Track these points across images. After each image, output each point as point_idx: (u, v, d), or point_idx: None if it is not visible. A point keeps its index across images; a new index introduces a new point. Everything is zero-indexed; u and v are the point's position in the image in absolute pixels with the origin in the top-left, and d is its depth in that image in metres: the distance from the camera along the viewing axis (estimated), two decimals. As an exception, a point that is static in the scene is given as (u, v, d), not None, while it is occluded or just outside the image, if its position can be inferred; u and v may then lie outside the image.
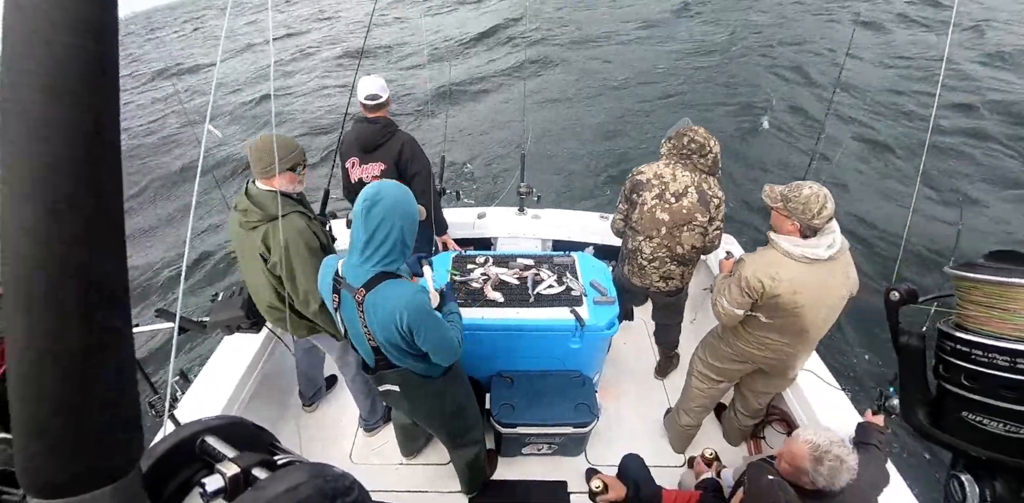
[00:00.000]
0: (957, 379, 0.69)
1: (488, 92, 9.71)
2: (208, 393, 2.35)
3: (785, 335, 2.15)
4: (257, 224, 2.04)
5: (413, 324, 1.58)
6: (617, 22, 14.15)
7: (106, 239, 0.38)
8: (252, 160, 2.02)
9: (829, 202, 1.92)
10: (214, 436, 0.56)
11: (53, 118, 0.34)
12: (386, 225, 1.52)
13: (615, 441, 2.82)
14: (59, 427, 0.37)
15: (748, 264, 2.07)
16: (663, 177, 2.48)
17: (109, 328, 0.39)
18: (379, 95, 2.73)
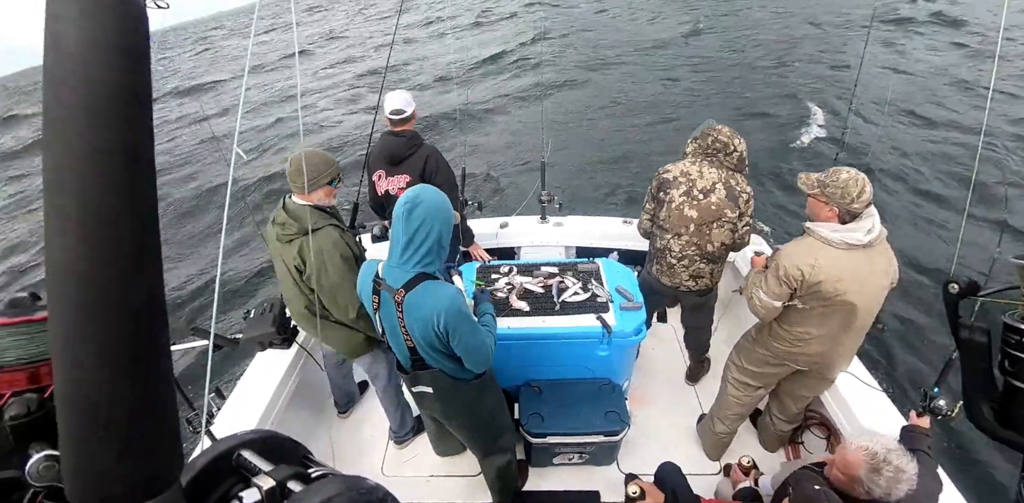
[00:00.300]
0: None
1: (506, 105, 9.80)
2: (243, 408, 2.39)
3: (825, 327, 2.08)
4: (293, 237, 2.11)
5: (449, 325, 1.61)
6: (631, 40, 14.18)
7: (145, 258, 0.39)
8: (292, 175, 2.08)
9: (868, 186, 1.88)
10: (249, 450, 0.57)
11: (95, 144, 0.36)
12: (425, 227, 1.59)
13: (647, 449, 2.77)
14: (105, 442, 0.38)
15: (785, 253, 2.02)
16: (690, 174, 2.47)
17: (150, 345, 0.40)
18: (404, 110, 2.79)
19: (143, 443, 0.40)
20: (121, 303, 0.38)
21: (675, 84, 10.27)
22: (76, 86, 0.35)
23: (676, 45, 13.25)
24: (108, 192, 0.37)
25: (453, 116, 8.39)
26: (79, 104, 0.35)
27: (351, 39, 14.24)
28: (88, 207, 0.36)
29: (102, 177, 0.36)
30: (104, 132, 0.36)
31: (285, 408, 2.54)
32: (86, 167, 0.36)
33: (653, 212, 2.66)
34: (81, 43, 0.35)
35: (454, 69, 11.63)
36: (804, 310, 2.08)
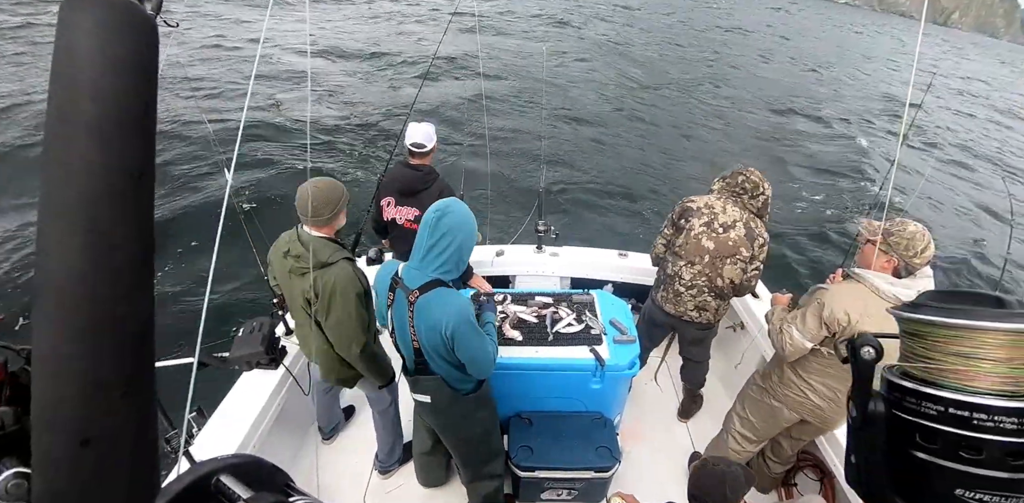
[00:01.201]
0: (952, 452, 0.56)
1: (506, 133, 9.95)
2: (224, 429, 2.33)
3: (843, 382, 2.01)
4: (306, 271, 2.07)
5: (456, 334, 1.67)
6: (630, 64, 14.55)
7: (140, 275, 0.38)
8: (302, 206, 2.03)
9: (932, 243, 1.84)
10: (229, 475, 0.55)
11: (94, 159, 0.36)
12: (449, 236, 1.68)
13: (638, 486, 2.69)
14: (80, 462, 0.36)
15: (832, 294, 1.94)
16: (713, 208, 2.52)
17: (136, 363, 0.39)
18: (424, 144, 2.83)
19: (119, 464, 0.38)
20: (109, 321, 0.37)
21: (682, 122, 10.49)
22: (84, 100, 0.35)
23: (683, 79, 13.60)
24: (107, 208, 0.36)
25: (456, 142, 8.52)
26: (85, 119, 0.35)
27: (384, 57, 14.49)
28: (88, 223, 0.35)
29: (102, 193, 0.36)
30: (108, 146, 0.36)
31: (268, 431, 2.47)
32: (86, 182, 0.35)
33: (670, 238, 2.68)
34: (93, 57, 0.35)
35: (462, 100, 11.88)
36: (827, 358, 2.00)
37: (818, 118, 11.01)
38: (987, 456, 0.54)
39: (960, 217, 6.70)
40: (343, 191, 2.14)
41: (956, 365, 0.57)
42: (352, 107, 10.87)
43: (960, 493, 0.56)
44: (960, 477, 0.56)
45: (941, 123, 10.56)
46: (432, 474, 2.63)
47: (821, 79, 14.70)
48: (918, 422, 0.59)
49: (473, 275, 3.11)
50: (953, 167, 8.09)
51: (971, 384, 0.56)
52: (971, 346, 0.56)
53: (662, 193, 7.45)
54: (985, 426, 0.54)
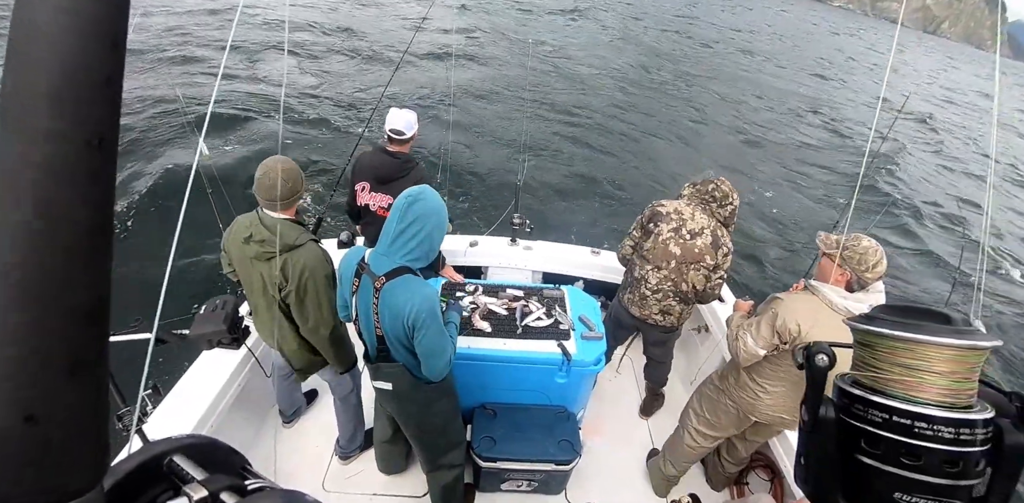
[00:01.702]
0: (893, 457, 0.59)
1: (487, 122, 9.89)
2: (180, 409, 2.27)
3: (796, 389, 2.07)
4: (273, 255, 2.01)
5: (418, 321, 1.64)
6: (617, 58, 14.60)
7: (93, 249, 0.36)
8: (267, 188, 1.96)
9: (884, 259, 1.89)
10: (183, 456, 0.53)
11: (52, 126, 0.33)
12: (419, 223, 1.65)
13: (596, 481, 2.74)
14: (22, 438, 0.35)
15: (786, 304, 1.99)
16: (682, 214, 2.54)
17: (88, 338, 0.37)
18: (403, 132, 2.77)
19: (67, 442, 0.36)
20: (58, 295, 0.35)
21: (667, 122, 10.57)
22: (44, 66, 0.33)
23: (670, 75, 13.66)
24: (64, 180, 0.34)
25: (437, 131, 8.44)
26: (45, 86, 0.33)
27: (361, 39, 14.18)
28: (41, 192, 0.33)
29: (60, 163, 0.34)
30: (67, 114, 0.34)
31: (227, 413, 2.42)
32: (43, 153, 0.33)
33: (638, 241, 2.70)
34: (56, 20, 0.33)
35: (441, 85, 11.72)
36: (780, 365, 2.07)
37: (800, 124, 11.23)
38: (925, 462, 0.57)
39: (919, 236, 6.95)
40: (301, 174, 2.09)
41: (902, 376, 0.60)
42: (326, 84, 10.65)
43: (899, 496, 0.59)
44: (900, 481, 0.59)
45: (918, 135, 10.91)
46: (392, 462, 2.62)
47: (809, 83, 14.97)
48: (864, 428, 0.61)
49: (445, 265, 3.09)
50: (922, 183, 8.39)
51: (915, 394, 0.59)
52: (916, 358, 0.59)
53: (639, 193, 7.51)
54: (925, 434, 0.57)
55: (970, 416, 0.57)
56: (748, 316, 2.19)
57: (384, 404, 2.12)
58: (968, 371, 0.59)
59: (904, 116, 10.74)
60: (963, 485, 0.58)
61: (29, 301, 0.34)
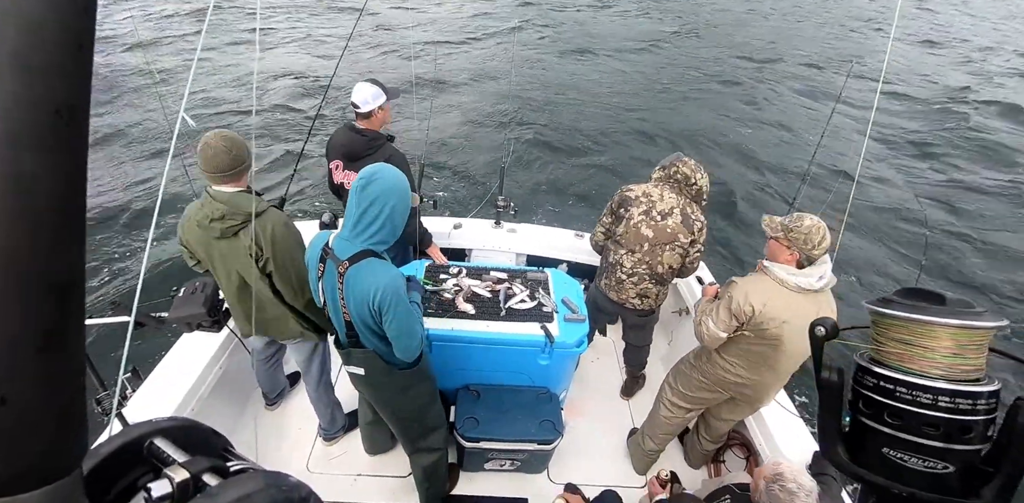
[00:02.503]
0: (880, 416, 0.69)
1: (472, 101, 9.76)
2: (161, 392, 2.26)
3: (759, 362, 2.17)
4: (240, 228, 1.96)
5: (383, 304, 1.60)
6: (606, 39, 14.43)
7: (65, 225, 0.35)
8: (209, 160, 1.88)
9: (828, 234, 1.98)
10: (164, 438, 0.53)
11: (20, 93, 0.32)
12: (378, 204, 1.59)
13: (578, 460, 2.80)
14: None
15: (740, 287, 2.09)
16: (651, 196, 2.56)
17: (61, 318, 0.36)
18: (360, 105, 2.64)
19: (41, 424, 0.36)
20: (25, 272, 0.34)
21: (654, 102, 10.49)
22: (12, 29, 0.31)
23: (658, 53, 13.53)
24: (32, 149, 0.32)
25: (419, 107, 8.30)
26: (10, 47, 0.31)
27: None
28: (6, 163, 0.32)
29: (27, 132, 0.32)
30: (36, 81, 0.32)
31: (208, 395, 2.41)
32: (9, 117, 0.32)
33: (609, 226, 2.72)
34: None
35: (417, 50, 11.47)
36: (744, 344, 2.16)
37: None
38: (906, 423, 0.67)
39: (881, 219, 7.06)
40: (245, 143, 2.00)
41: (897, 349, 0.70)
42: (302, 64, 10.41)
43: (886, 452, 0.69)
44: (887, 439, 0.69)
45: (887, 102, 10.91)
46: (377, 442, 2.64)
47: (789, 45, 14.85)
48: (861, 391, 0.72)
49: (432, 244, 3.07)
50: (880, 165, 8.47)
51: (906, 365, 0.69)
52: (907, 334, 0.69)
53: (624, 175, 7.52)
54: (904, 398, 0.67)
55: (950, 386, 0.65)
56: (713, 301, 2.26)
57: (360, 390, 2.11)
58: (958, 347, 0.66)
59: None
60: (956, 450, 0.66)
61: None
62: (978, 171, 8.65)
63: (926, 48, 16.51)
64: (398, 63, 11.00)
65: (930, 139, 9.67)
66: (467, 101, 9.77)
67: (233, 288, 2.14)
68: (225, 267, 2.08)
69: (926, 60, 15.14)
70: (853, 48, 15.91)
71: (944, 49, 16.49)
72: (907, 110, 11.21)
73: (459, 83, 10.59)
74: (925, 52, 16.04)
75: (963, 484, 0.66)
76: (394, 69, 10.53)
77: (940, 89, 12.53)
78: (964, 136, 9.72)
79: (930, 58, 15.44)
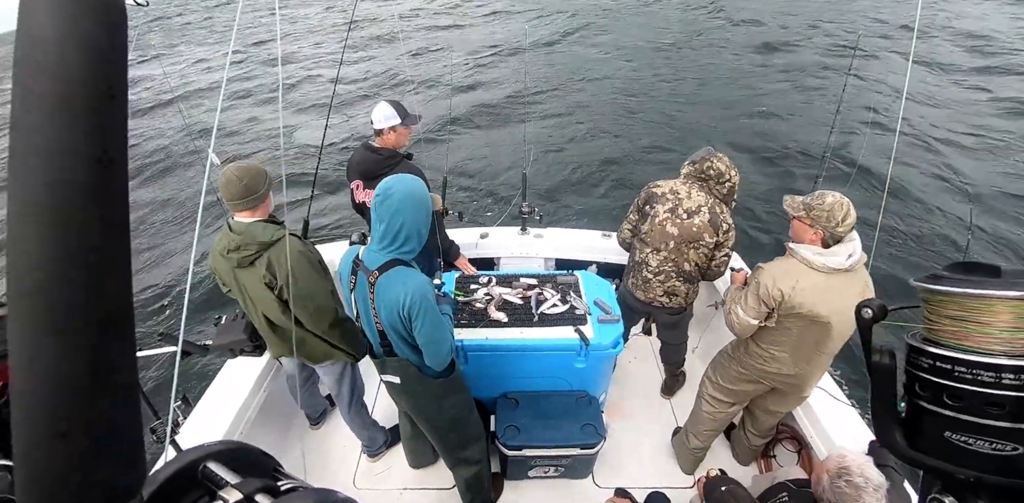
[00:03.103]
0: (939, 398, 0.65)
1: (491, 114, 9.83)
2: (210, 417, 2.33)
3: (799, 348, 2.11)
4: (255, 257, 2.01)
5: (412, 311, 1.65)
6: (623, 43, 14.35)
7: (112, 263, 0.38)
8: (224, 187, 1.96)
9: (852, 210, 1.92)
10: (216, 462, 0.55)
11: (62, 142, 0.34)
12: (398, 216, 1.66)
13: (623, 462, 2.77)
14: (62, 453, 0.36)
15: (766, 272, 2.04)
16: (678, 193, 2.50)
17: (114, 352, 0.38)
18: (374, 122, 2.70)
19: (103, 454, 0.38)
20: (85, 310, 0.36)
21: (672, 101, 10.38)
22: (48, 80, 0.34)
23: (676, 54, 13.40)
24: (77, 194, 0.35)
25: (439, 125, 8.39)
26: (50, 99, 0.34)
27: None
28: (55, 209, 0.34)
29: (71, 178, 0.35)
30: (75, 131, 0.35)
31: (255, 418, 2.47)
32: (54, 167, 0.34)
33: (635, 224, 2.68)
34: (56, 34, 0.34)
35: (434, 75, 11.61)
36: (779, 330, 2.11)
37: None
38: (967, 404, 0.63)
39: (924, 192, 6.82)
40: (263, 172, 2.05)
41: (950, 326, 0.66)
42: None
43: (948, 435, 0.65)
44: (947, 421, 0.65)
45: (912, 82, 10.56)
46: (420, 455, 2.66)
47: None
48: (916, 373, 0.69)
49: (460, 256, 3.10)
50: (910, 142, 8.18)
51: (961, 343, 0.65)
52: (960, 310, 0.65)
53: (649, 173, 7.45)
54: (964, 377, 0.63)
55: (1014, 362, 0.61)
56: (742, 288, 2.21)
57: (396, 399, 2.14)
58: (1019, 320, 0.62)
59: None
60: (1022, 429, 0.61)
61: (53, 319, 0.35)
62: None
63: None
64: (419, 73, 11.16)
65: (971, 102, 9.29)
66: (485, 110, 9.83)
67: (258, 314, 2.19)
68: (248, 295, 2.14)
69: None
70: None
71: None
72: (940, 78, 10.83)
73: (476, 93, 10.68)
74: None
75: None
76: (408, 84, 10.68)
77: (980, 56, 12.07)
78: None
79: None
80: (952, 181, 7.02)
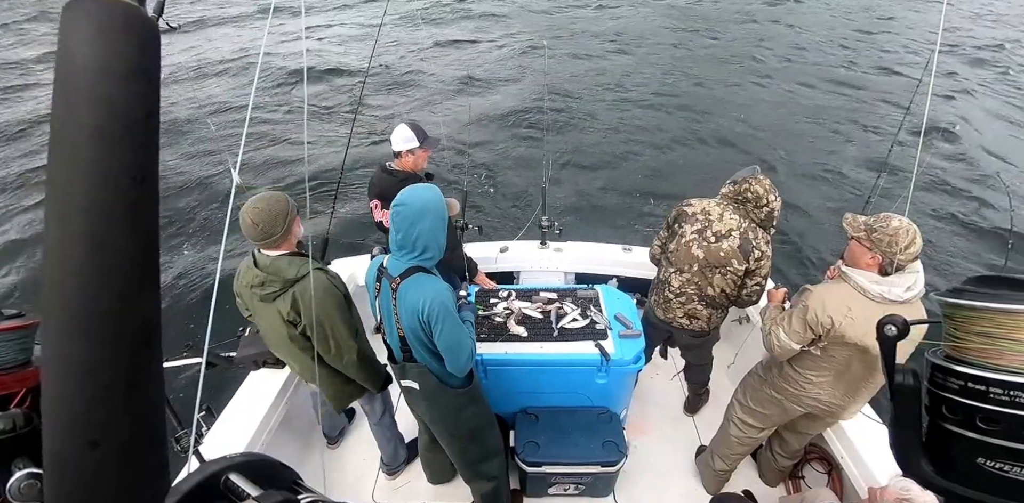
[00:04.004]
0: (970, 422, 0.61)
1: (509, 126, 9.89)
2: (233, 428, 2.35)
3: (842, 378, 2.00)
4: (279, 293, 1.98)
5: (432, 317, 1.70)
6: (653, 50, 14.36)
7: (143, 278, 0.39)
8: (250, 235, 1.91)
9: (918, 238, 1.77)
10: (238, 473, 0.56)
11: (99, 162, 0.36)
12: (414, 227, 1.72)
13: (645, 481, 2.71)
14: (91, 463, 0.37)
15: (816, 296, 1.91)
16: (710, 214, 2.39)
17: (144, 364, 0.39)
18: (392, 144, 2.74)
19: (128, 465, 0.39)
20: (116, 323, 0.37)
21: (696, 117, 10.33)
22: (86, 104, 0.35)
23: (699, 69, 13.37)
24: (112, 213, 0.36)
25: (457, 140, 8.51)
26: (88, 122, 0.35)
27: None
28: (91, 227, 0.36)
29: (107, 197, 0.36)
30: (112, 152, 0.36)
31: (276, 430, 2.49)
32: (91, 187, 0.36)
33: (665, 241, 2.61)
34: (94, 60, 0.36)
35: (449, 82, 11.72)
36: (822, 357, 2.00)
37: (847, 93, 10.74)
38: (1003, 428, 0.59)
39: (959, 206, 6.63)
40: (287, 202, 1.98)
41: (980, 344, 0.62)
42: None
43: (982, 462, 0.61)
44: (981, 447, 0.60)
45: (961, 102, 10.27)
46: (438, 470, 2.64)
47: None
48: (944, 395, 0.64)
49: (478, 272, 3.10)
50: (954, 160, 7.96)
51: (993, 362, 0.60)
52: (992, 326, 0.61)
53: (672, 187, 7.40)
54: (1001, 400, 0.59)
55: None
56: (782, 307, 2.14)
57: (414, 406, 2.13)
58: None
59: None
60: None
61: (86, 332, 0.36)
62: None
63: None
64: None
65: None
66: (500, 123, 9.90)
67: (284, 348, 2.17)
68: (272, 329, 2.12)
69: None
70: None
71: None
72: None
73: (494, 103, 10.77)
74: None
75: None
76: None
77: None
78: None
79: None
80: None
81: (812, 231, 6.32)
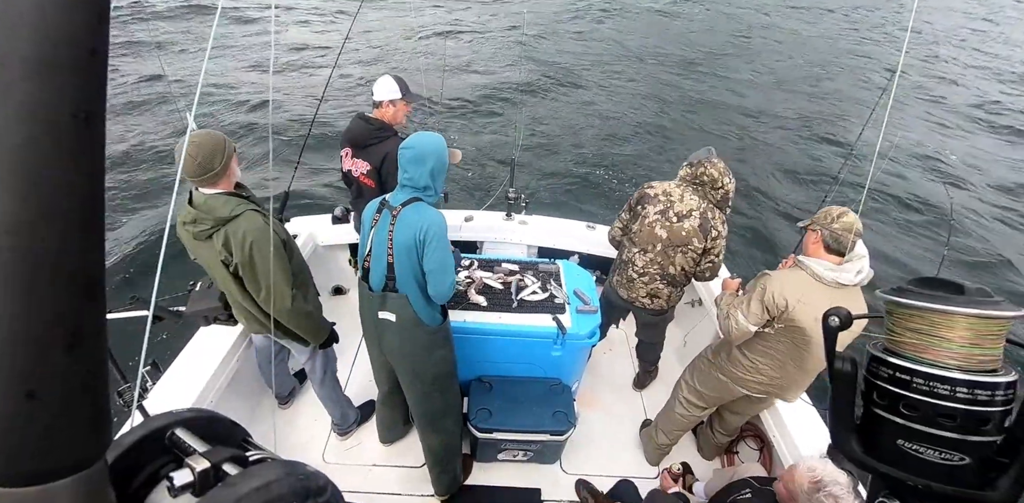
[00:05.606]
0: (895, 407, 0.68)
1: (485, 97, 9.71)
2: (179, 384, 2.30)
3: (787, 360, 2.12)
4: (212, 231, 1.92)
5: (428, 236, 1.84)
6: (630, 29, 14.21)
7: (85, 225, 0.36)
8: (186, 171, 1.84)
9: (851, 214, 1.96)
10: (185, 429, 0.54)
11: (37, 99, 0.33)
12: (419, 164, 1.89)
13: (591, 451, 2.81)
14: (27, 415, 0.35)
15: (775, 280, 2.03)
16: (671, 195, 2.48)
17: (85, 315, 0.37)
18: (374, 93, 2.69)
19: (69, 416, 0.37)
20: (51, 273, 0.35)
21: (673, 97, 10.33)
22: (26, 32, 0.32)
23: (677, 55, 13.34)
24: (51, 152, 0.33)
25: (432, 105, 8.29)
26: (28, 52, 0.32)
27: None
28: (29, 168, 0.33)
29: (46, 134, 0.33)
30: (52, 85, 0.33)
31: (226, 388, 2.45)
32: (29, 121, 0.33)
33: (626, 223, 2.66)
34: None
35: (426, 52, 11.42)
36: (770, 342, 2.11)
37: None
38: (922, 414, 0.66)
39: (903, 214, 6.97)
40: (225, 139, 1.92)
41: (911, 339, 0.69)
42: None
43: (901, 443, 0.68)
44: (902, 429, 0.68)
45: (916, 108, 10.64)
46: (391, 427, 2.67)
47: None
48: (875, 383, 0.71)
49: None
50: (908, 167, 8.30)
51: (920, 355, 0.67)
52: (924, 324, 0.68)
53: (640, 168, 7.45)
54: (920, 389, 0.66)
55: (968, 377, 0.64)
56: (737, 294, 2.22)
57: (384, 340, 2.09)
58: (977, 337, 0.65)
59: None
60: (972, 441, 0.64)
61: (26, 277, 0.34)
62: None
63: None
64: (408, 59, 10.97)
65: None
66: (475, 92, 9.71)
67: (221, 284, 2.11)
68: (210, 267, 2.06)
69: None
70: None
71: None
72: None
73: (466, 72, 10.54)
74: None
75: (978, 475, 0.65)
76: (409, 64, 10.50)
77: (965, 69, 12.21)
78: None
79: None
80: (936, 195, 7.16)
81: (773, 221, 6.50)
